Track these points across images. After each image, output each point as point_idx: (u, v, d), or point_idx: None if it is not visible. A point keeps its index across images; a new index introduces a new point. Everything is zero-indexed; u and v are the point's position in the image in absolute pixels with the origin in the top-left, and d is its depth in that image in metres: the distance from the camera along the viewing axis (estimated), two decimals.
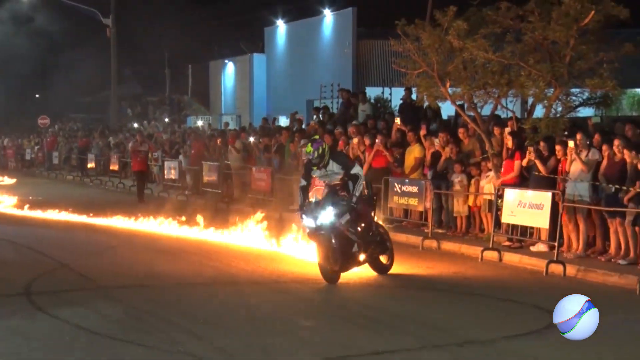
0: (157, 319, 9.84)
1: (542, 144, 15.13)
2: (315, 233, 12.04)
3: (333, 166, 12.30)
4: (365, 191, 12.67)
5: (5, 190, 28.87)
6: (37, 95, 71.53)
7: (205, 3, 50.24)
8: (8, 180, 36.11)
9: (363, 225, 12.27)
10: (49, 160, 43.36)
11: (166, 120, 49.49)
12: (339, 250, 11.87)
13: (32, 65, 61.58)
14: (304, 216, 12.22)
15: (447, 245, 16.26)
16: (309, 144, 12.49)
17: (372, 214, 12.87)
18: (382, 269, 12.67)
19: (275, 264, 13.75)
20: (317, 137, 14.14)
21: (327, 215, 11.93)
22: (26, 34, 55.60)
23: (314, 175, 12.64)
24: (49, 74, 65.06)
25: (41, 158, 45.20)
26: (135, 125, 48.23)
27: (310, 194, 12.59)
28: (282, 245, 15.17)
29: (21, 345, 8.52)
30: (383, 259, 12.72)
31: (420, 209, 17.46)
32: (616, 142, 13.63)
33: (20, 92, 65.28)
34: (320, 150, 12.25)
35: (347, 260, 12.06)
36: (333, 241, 11.87)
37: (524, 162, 15.39)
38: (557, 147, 14.68)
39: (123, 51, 46.29)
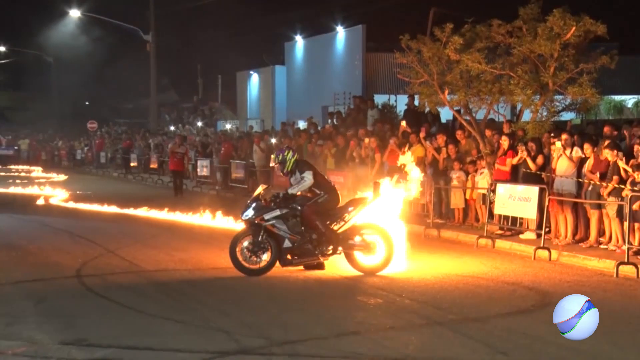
0: (192, 299, 9.87)
1: (530, 144, 15.14)
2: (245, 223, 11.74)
3: (297, 174, 11.81)
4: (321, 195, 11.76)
5: (58, 186, 29.02)
6: (87, 103, 71.82)
7: (233, 21, 50.24)
8: (61, 177, 36.27)
9: (309, 224, 11.59)
10: (97, 159, 43.54)
11: (199, 124, 49.54)
12: (257, 243, 11.44)
13: (83, 77, 61.85)
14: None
15: (446, 234, 16.25)
16: (274, 153, 12.34)
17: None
18: (363, 269, 11.58)
19: None
20: (286, 146, 13.73)
21: (249, 211, 11.63)
22: (77, 49, 55.83)
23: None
24: (97, 84, 65.31)
25: (90, 157, 45.39)
26: (172, 128, 48.33)
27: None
28: None
29: (70, 322, 8.54)
30: (364, 259, 11.60)
31: (422, 201, 17.49)
32: (605, 143, 13.66)
33: (73, 100, 65.57)
34: (281, 157, 11.92)
35: (276, 255, 11.52)
36: (254, 235, 11.48)
37: (515, 161, 15.39)
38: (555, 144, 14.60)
39: (161, 63, 46.37)
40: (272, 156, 12.35)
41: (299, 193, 11.76)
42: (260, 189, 12.07)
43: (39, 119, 64.79)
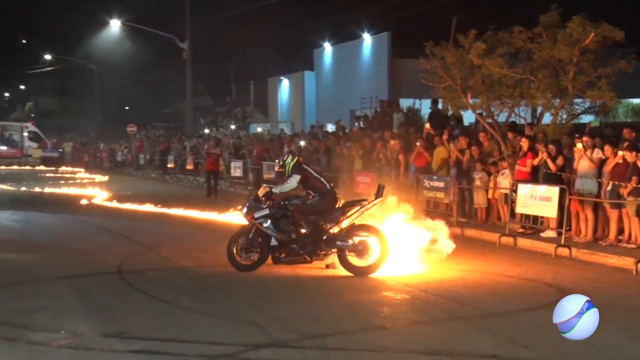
0: (226, 293, 9.87)
1: (550, 146, 15.01)
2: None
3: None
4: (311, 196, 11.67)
5: (100, 186, 29.25)
6: (126, 108, 72.41)
7: (264, 29, 50.35)
8: (102, 178, 36.55)
9: (296, 224, 11.51)
10: (136, 161, 43.85)
11: (232, 127, 49.71)
12: (249, 241, 11.49)
13: (123, 82, 62.39)
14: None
15: (470, 232, 16.13)
16: (278, 158, 12.24)
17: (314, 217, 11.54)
18: (354, 270, 11.23)
19: None
20: (287, 150, 13.63)
21: (244, 209, 11.71)
22: (118, 57, 56.30)
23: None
24: (136, 89, 65.86)
25: (130, 159, 45.71)
26: (207, 131, 48.52)
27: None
28: None
29: (112, 316, 8.58)
30: (356, 260, 11.26)
31: (446, 201, 17.41)
32: (624, 144, 13.51)
33: (114, 105, 66.16)
34: (281, 162, 12.02)
35: (265, 252, 11.51)
36: (248, 232, 11.57)
37: (536, 162, 15.28)
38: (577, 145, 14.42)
39: (196, 69, 46.60)
40: (277, 161, 12.29)
41: (279, 191, 11.66)
42: (262, 189, 11.99)
43: (82, 123, 65.45)
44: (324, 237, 11.45)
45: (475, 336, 7.91)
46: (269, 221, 11.46)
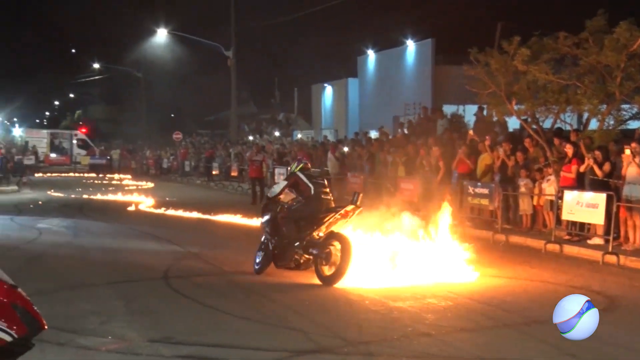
0: (270, 299, 9.90)
1: (596, 152, 14.80)
2: None
3: None
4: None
5: (146, 193, 29.59)
6: (172, 115, 73.22)
7: (308, 37, 50.59)
8: (149, 185, 36.98)
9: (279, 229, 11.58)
10: (181, 168, 44.26)
11: (276, 134, 49.94)
12: (259, 245, 11.84)
13: (169, 90, 63.13)
14: None
15: (514, 239, 15.97)
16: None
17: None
18: (322, 278, 10.94)
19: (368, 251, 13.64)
20: (298, 157, 13.75)
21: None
22: (164, 65, 57.01)
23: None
24: (182, 97, 66.57)
25: (175, 166, 46.17)
26: (251, 138, 48.83)
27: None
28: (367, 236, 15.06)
29: (158, 321, 8.66)
30: (325, 269, 10.94)
31: (491, 208, 17.24)
32: None
33: (159, 112, 66.96)
34: (289, 169, 12.32)
35: (267, 256, 11.64)
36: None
37: (582, 168, 15.07)
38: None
39: (241, 77, 46.96)
40: (288, 168, 12.55)
41: (271, 196, 11.92)
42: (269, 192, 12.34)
43: (129, 130, 66.28)
44: (297, 243, 11.29)
45: (521, 344, 7.83)
46: (270, 226, 11.70)
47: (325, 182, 12.17)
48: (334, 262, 10.87)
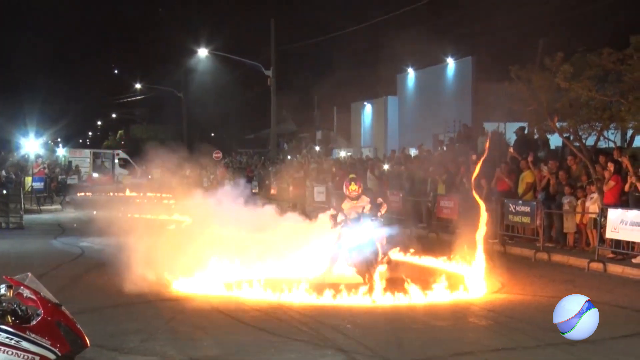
0: (312, 319, 9.89)
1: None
2: None
3: (363, 198, 12.62)
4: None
5: (186, 212, 29.69)
6: (212, 134, 73.81)
7: (348, 55, 50.70)
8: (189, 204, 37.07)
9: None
10: (221, 186, 44.45)
11: (317, 149, 50.00)
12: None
13: (209, 110, 63.65)
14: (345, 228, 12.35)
15: (557, 257, 15.79)
16: (353, 183, 12.81)
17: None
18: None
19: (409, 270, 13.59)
20: (353, 176, 13.99)
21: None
22: (204, 84, 57.57)
23: (343, 207, 12.70)
24: (221, 116, 67.07)
25: (215, 185, 46.41)
26: (289, 157, 48.98)
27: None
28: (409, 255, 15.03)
29: (199, 339, 8.70)
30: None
31: (533, 226, 17.07)
32: None
33: (200, 131, 67.52)
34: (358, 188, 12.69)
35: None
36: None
37: (627, 187, 14.86)
38: None
39: (280, 95, 47.20)
40: (350, 186, 12.84)
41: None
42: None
43: (170, 150, 66.74)
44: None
45: None
46: None
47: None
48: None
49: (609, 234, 14.66)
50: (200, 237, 16.67)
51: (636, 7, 20.14)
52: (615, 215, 14.44)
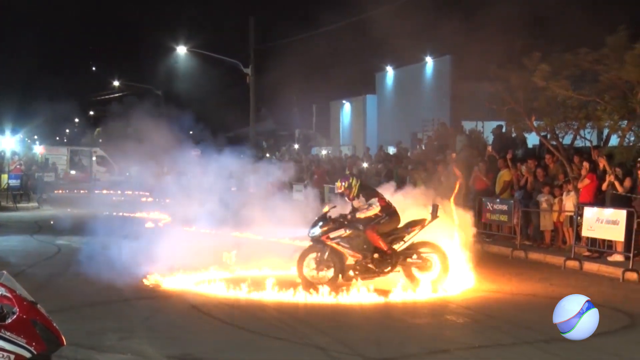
0: (290, 317, 9.90)
1: (617, 168, 14.72)
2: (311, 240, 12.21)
3: (361, 198, 12.19)
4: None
5: (163, 209, 29.59)
6: (190, 132, 73.52)
7: (326, 54, 50.69)
8: (166, 201, 36.91)
9: (373, 244, 11.91)
10: (200, 185, 44.26)
11: (295, 147, 49.95)
12: (323, 260, 11.94)
13: (187, 107, 63.39)
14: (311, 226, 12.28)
15: (533, 255, 15.89)
16: (339, 180, 12.64)
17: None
18: (419, 284, 11.65)
19: None
20: (347, 173, 14.01)
21: (316, 229, 12.09)
22: (183, 82, 57.33)
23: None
24: (199, 114, 66.77)
25: (194, 182, 46.19)
26: (267, 155, 48.88)
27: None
28: None
29: (177, 338, 8.67)
30: (421, 275, 11.79)
31: (510, 224, 17.17)
32: None
33: (177, 129, 67.23)
34: (347, 184, 12.30)
35: (338, 271, 11.90)
36: (320, 251, 11.99)
37: (604, 186, 14.98)
38: None
39: (259, 93, 47.09)
40: (337, 183, 12.61)
41: (365, 216, 12.08)
42: (327, 208, 12.52)
43: (148, 148, 66.40)
44: (398, 255, 11.93)
45: None
46: (346, 242, 11.90)
47: None
48: (432, 268, 11.77)
49: (585, 232, 14.77)
50: (178, 235, 16.64)
51: (613, 7, 20.28)
52: (591, 213, 14.56)
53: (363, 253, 11.94)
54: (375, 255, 11.91)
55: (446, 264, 11.76)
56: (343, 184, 12.37)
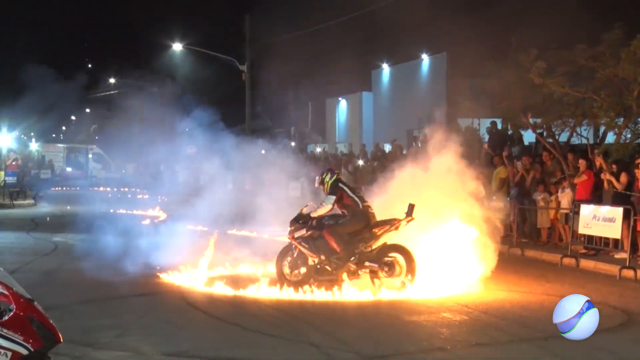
0: (287, 314, 9.87)
1: (613, 165, 14.73)
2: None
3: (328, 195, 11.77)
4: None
5: (160, 207, 29.57)
6: (186, 129, 73.46)
7: (323, 51, 50.66)
8: (163, 199, 36.90)
9: (329, 245, 11.43)
10: (196, 181, 44.20)
11: (292, 144, 49.91)
12: (294, 260, 11.73)
13: (183, 104, 63.34)
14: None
15: (530, 253, 15.89)
16: (318, 176, 12.28)
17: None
18: (385, 289, 11.18)
19: None
20: (328, 168, 13.59)
21: (288, 228, 11.86)
22: (179, 79, 57.23)
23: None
24: (195, 111, 66.73)
25: (191, 180, 46.13)
26: (263, 152, 48.76)
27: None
28: None
29: (173, 335, 8.65)
30: (388, 279, 11.19)
31: (506, 221, 17.13)
32: None
33: (172, 126, 67.14)
34: (319, 179, 12.05)
35: (310, 270, 11.61)
36: (293, 251, 11.80)
37: (605, 185, 14.98)
38: None
39: (255, 91, 47.03)
40: (317, 177, 12.29)
41: (317, 215, 11.67)
42: (304, 207, 12.09)
43: (145, 145, 66.28)
44: (352, 258, 11.40)
45: (539, 359, 7.75)
46: (306, 242, 11.58)
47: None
48: (397, 272, 11.14)
49: (582, 230, 14.77)
50: (174, 232, 16.61)
51: (609, 5, 20.31)
52: (587, 210, 14.55)
53: (319, 254, 11.48)
54: (333, 258, 11.43)
55: (413, 267, 11.10)
56: (318, 178, 12.16)
